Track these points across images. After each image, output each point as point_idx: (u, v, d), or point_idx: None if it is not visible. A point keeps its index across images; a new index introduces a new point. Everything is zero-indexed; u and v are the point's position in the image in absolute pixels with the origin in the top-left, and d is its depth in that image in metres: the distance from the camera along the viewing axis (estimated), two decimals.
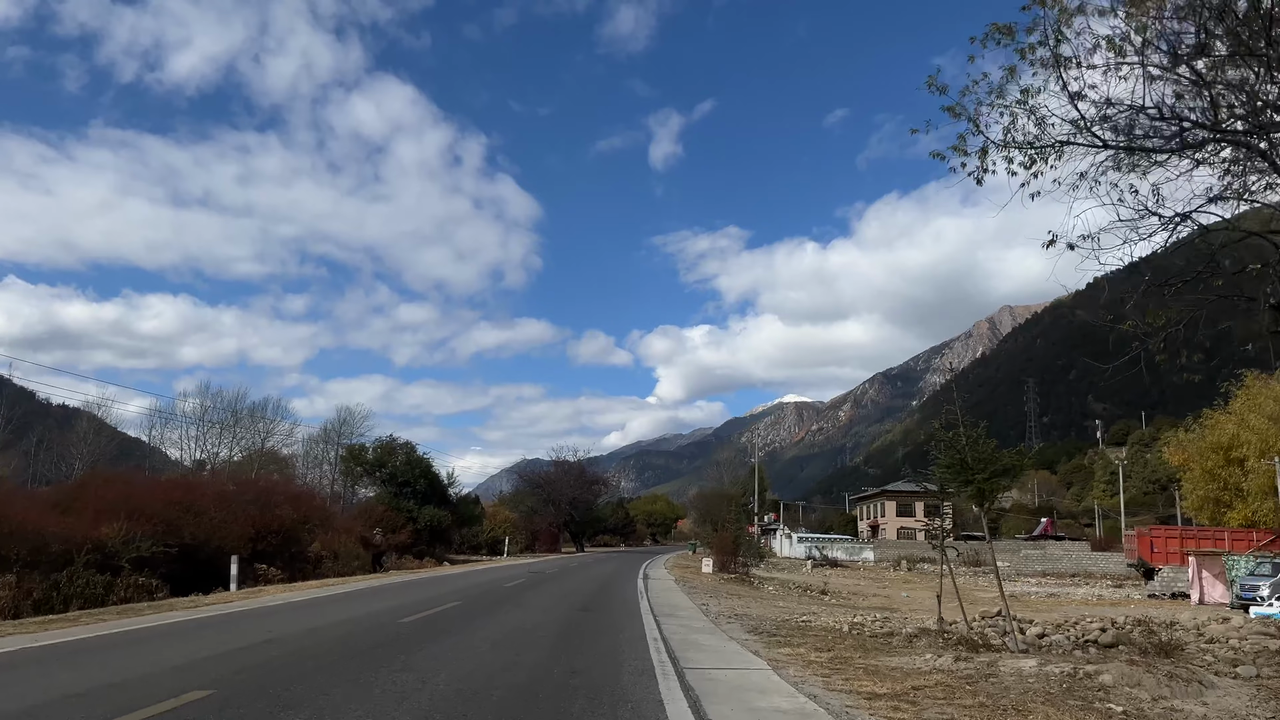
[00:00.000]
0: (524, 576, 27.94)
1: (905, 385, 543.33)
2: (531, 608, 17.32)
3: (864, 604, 33.64)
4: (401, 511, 51.39)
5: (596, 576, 32.10)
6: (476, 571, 35.43)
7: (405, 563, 47.93)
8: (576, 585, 25.36)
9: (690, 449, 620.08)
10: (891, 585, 50.29)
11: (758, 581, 41.27)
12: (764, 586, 38.78)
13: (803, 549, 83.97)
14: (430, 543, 53.20)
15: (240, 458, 78.77)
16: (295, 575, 34.00)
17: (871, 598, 39.24)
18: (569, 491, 76.38)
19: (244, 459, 78.55)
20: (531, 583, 25.02)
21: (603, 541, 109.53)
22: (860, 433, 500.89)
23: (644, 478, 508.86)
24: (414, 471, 52.74)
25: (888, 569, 69.97)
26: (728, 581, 37.62)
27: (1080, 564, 67.10)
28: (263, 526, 32.88)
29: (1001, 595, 15.07)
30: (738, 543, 44.96)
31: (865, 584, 49.86)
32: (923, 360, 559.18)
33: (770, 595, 31.63)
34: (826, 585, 40.57)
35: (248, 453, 74.28)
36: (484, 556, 61.75)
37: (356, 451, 53.63)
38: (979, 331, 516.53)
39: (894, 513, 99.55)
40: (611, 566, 43.85)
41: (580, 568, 40.46)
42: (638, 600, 19.82)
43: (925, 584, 55.14)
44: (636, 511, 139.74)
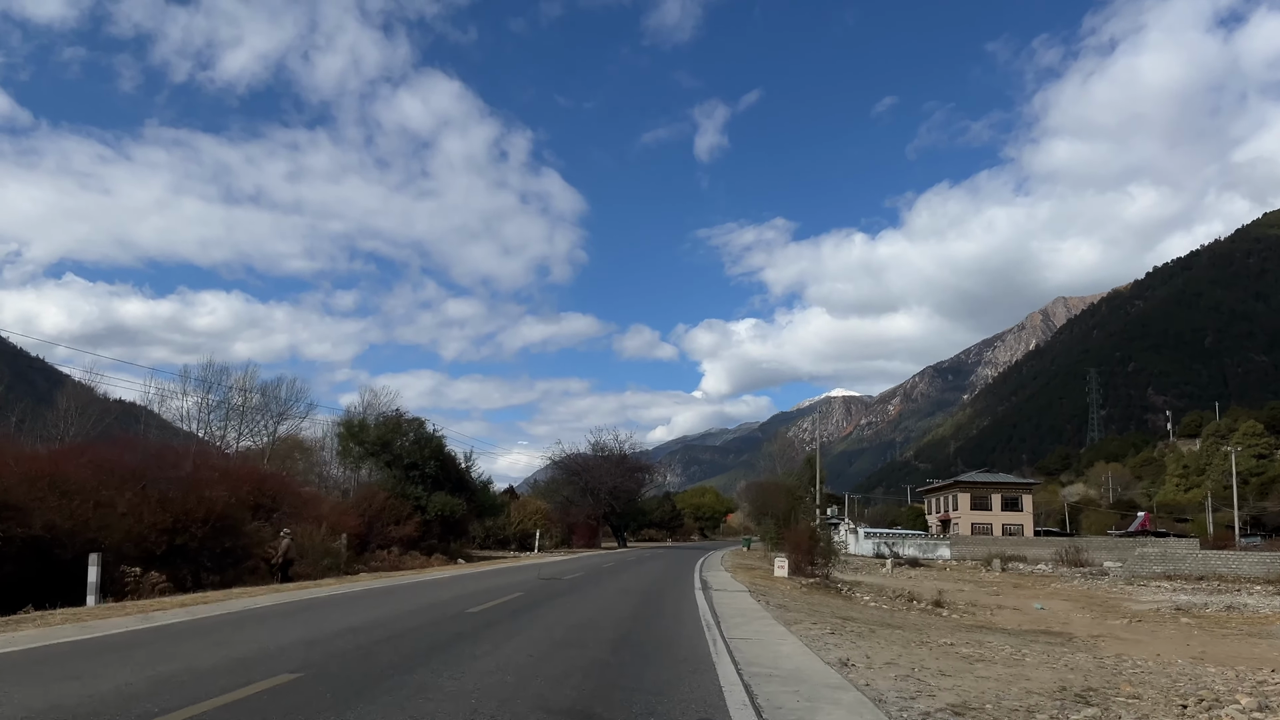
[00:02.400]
0: (520, 590, 18.42)
1: (956, 379, 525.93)
2: (451, 694, 7.39)
3: (1009, 623, 23.79)
4: (408, 499, 42.44)
5: (635, 585, 22.43)
6: (474, 576, 26.02)
7: (408, 560, 38.95)
8: (599, 608, 15.65)
9: (736, 444, 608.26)
10: (1004, 591, 40.02)
11: (845, 589, 31.50)
12: (857, 596, 28.98)
13: (870, 546, 73.83)
14: (443, 536, 44.10)
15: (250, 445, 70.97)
16: (235, 579, 25.10)
17: (1003, 613, 29.19)
18: (609, 480, 66.77)
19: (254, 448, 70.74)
20: (522, 605, 15.38)
21: (647, 536, 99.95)
22: (910, 427, 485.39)
23: (690, 473, 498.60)
24: (423, 452, 43.67)
25: (975, 568, 59.53)
26: (811, 590, 27.93)
27: (1209, 565, 55.99)
28: (183, 514, 23.97)
29: None
30: (814, 540, 35.40)
31: (969, 589, 39.67)
32: (974, 353, 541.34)
33: (885, 614, 21.88)
34: (938, 595, 30.60)
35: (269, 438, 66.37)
36: (511, 552, 52.63)
37: (354, 429, 44.65)
38: (1032, 324, 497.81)
39: (968, 505, 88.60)
40: (657, 568, 34.22)
41: (615, 570, 30.71)
42: (708, 647, 10.26)
43: (1037, 588, 44.77)
44: (683, 505, 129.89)
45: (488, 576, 25.40)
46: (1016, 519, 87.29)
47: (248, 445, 69.82)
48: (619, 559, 44.21)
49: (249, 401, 66.79)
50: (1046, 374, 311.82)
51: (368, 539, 39.51)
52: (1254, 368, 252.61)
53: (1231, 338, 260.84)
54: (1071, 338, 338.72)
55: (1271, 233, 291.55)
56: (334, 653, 8.76)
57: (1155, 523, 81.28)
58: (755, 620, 13.94)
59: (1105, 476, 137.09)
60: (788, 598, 21.72)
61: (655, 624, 12.56)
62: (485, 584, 21.10)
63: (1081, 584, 46.84)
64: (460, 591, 18.23)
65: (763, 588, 24.49)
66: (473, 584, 21.22)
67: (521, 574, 26.33)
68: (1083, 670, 11.15)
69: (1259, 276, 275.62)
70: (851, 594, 29.66)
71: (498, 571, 29.10)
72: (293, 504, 33.56)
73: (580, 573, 27.58)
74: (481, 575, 26.33)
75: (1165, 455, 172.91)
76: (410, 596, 16.91)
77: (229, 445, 67.89)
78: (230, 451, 71.94)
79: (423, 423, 45.00)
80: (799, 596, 23.26)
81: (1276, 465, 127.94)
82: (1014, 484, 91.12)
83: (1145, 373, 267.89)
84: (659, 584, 23.08)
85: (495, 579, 23.72)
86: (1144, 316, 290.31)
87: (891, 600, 29.23)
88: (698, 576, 27.47)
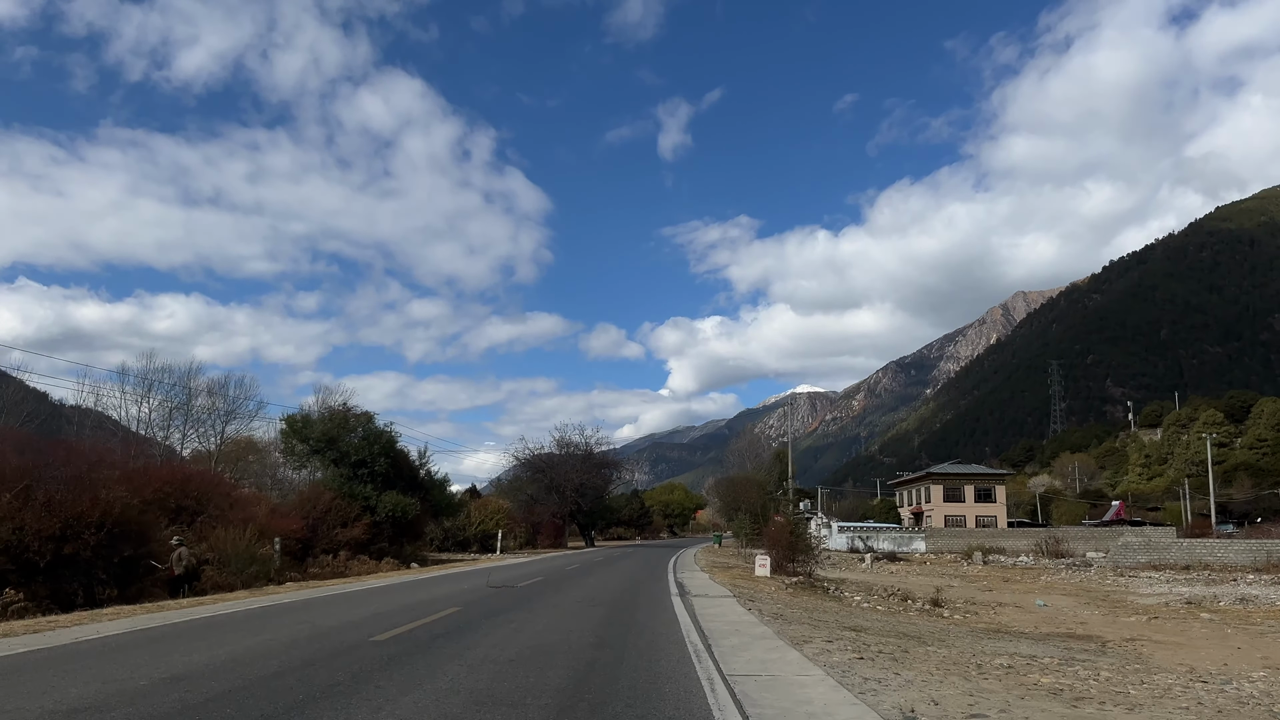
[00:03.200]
0: (458, 603, 14.75)
1: (919, 373, 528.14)
2: None
3: (1020, 624, 20.81)
4: (356, 499, 38.81)
5: (601, 593, 19.02)
6: (415, 584, 22.46)
7: (354, 566, 35.34)
8: (552, 629, 12.21)
9: (703, 441, 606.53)
10: (995, 586, 37.21)
11: (833, 588, 28.42)
12: (847, 596, 25.91)
13: (844, 540, 71.11)
14: (395, 538, 40.49)
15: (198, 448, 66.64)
16: (140, 594, 21.39)
17: (1005, 611, 26.24)
18: (575, 477, 63.07)
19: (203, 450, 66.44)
20: (453, 626, 11.89)
21: (616, 534, 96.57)
22: (874, 421, 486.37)
23: (658, 470, 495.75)
24: (372, 449, 39.96)
25: (954, 561, 56.93)
26: (798, 591, 24.80)
27: (1194, 554, 53.80)
28: (74, 518, 20.22)
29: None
30: (795, 536, 32.34)
31: (958, 584, 36.83)
32: (936, 348, 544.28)
33: (891, 619, 18.76)
34: (935, 594, 27.60)
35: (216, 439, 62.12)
36: (471, 555, 49.06)
37: (298, 425, 40.78)
38: (992, 318, 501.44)
39: (941, 498, 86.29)
40: (627, 569, 30.89)
41: (579, 573, 27.26)
42: (704, 694, 6.96)
43: (1027, 581, 42.03)
44: (652, 502, 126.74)
45: (430, 584, 21.91)
46: (990, 510, 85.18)
47: (195, 447, 65.60)
48: (585, 559, 40.85)
49: (194, 400, 62.61)
50: (1008, 367, 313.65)
51: (312, 543, 35.89)
52: (1208, 359, 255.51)
53: (1186, 330, 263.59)
54: (1031, 331, 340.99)
55: (1224, 226, 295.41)
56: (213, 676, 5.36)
57: (1129, 512, 79.46)
58: (755, 641, 10.65)
59: (1072, 467, 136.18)
60: (779, 603, 18.55)
61: (627, 655, 9.20)
62: (422, 595, 17.63)
63: (1070, 576, 44.29)
64: (383, 606, 14.76)
65: (747, 590, 21.32)
66: (407, 595, 17.74)
67: (471, 580, 22.86)
68: (1215, 705, 8.04)
69: (1212, 269, 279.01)
70: (841, 594, 26.60)
71: (446, 578, 25.59)
72: (221, 506, 29.85)
73: (538, 577, 24.14)
74: (424, 583, 22.83)
75: (1127, 445, 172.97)
76: (315, 615, 13.41)
77: (176, 447, 63.72)
78: (186, 454, 67.71)
79: (372, 417, 41.31)
80: (790, 600, 20.09)
81: (1236, 454, 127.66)
82: (987, 475, 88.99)
83: (1103, 365, 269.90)
84: (629, 590, 19.74)
85: (437, 588, 20.24)
86: (1101, 310, 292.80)
87: (885, 600, 26.19)
88: (672, 578, 24.22)
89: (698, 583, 22.61)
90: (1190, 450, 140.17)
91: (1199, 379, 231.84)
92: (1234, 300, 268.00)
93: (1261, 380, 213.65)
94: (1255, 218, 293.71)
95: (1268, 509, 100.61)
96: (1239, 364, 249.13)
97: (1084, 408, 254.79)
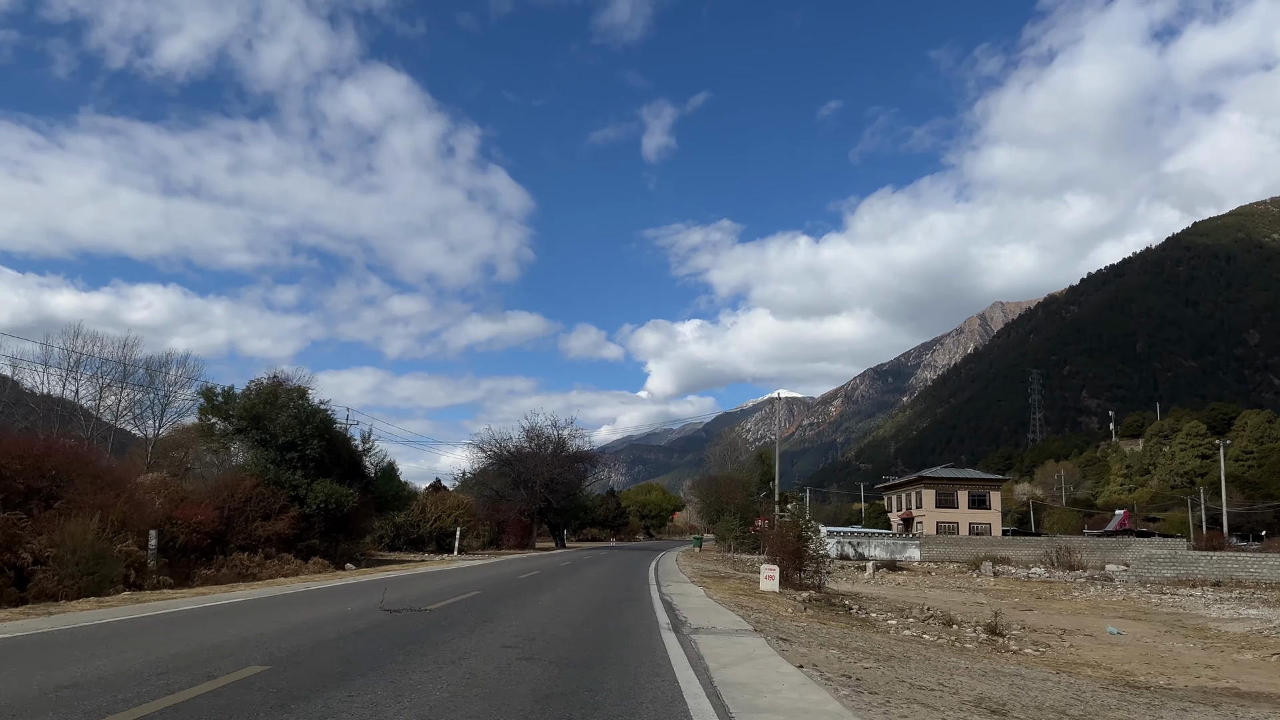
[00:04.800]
0: (285, 653, 8.76)
1: (896, 381, 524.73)
2: None
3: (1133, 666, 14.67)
4: (283, 487, 32.25)
5: (553, 625, 12.19)
6: (280, 603, 15.66)
7: (270, 567, 28.78)
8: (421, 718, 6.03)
9: (681, 443, 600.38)
10: (1031, 604, 31.13)
11: (854, 607, 22.25)
12: (880, 620, 19.73)
13: (834, 546, 64.92)
14: (328, 534, 33.88)
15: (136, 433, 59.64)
16: None
17: (1080, 641, 20.15)
18: (545, 471, 56.45)
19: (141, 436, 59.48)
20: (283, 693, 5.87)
21: (589, 535, 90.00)
22: (851, 428, 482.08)
23: (634, 472, 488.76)
24: (304, 429, 33.28)
25: (959, 571, 50.98)
26: (820, 613, 18.59)
27: (1224, 569, 48.21)
28: None
29: None
30: (803, 542, 26.27)
31: (986, 601, 30.75)
32: (914, 356, 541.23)
33: (953, 655, 12.54)
34: (994, 619, 21.37)
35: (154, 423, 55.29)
36: (423, 555, 42.57)
37: (215, 398, 34.05)
38: (970, 327, 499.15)
39: (932, 503, 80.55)
40: (597, 580, 24.39)
41: (531, 587, 20.32)
42: None
43: (1060, 597, 35.89)
44: (629, 502, 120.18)
45: (314, 601, 15.42)
46: (984, 517, 79.53)
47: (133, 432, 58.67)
48: (549, 565, 34.45)
49: (126, 378, 55.63)
50: (985, 377, 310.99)
51: (226, 538, 29.33)
52: (1183, 372, 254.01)
53: (1162, 343, 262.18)
54: (1009, 342, 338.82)
55: (1201, 241, 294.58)
56: None
57: (1134, 522, 74.05)
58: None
59: (1057, 475, 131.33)
60: (815, 637, 12.37)
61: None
62: (266, 624, 11.20)
63: (1105, 593, 38.39)
64: (159, 651, 8.33)
65: (759, 612, 15.16)
66: (245, 623, 11.31)
67: (371, 596, 16.33)
68: None
69: (1188, 284, 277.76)
70: (868, 616, 20.50)
71: (352, 589, 19.12)
72: (85, 489, 23.16)
73: (471, 592, 17.54)
74: (311, 598, 16.33)
75: (1108, 455, 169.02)
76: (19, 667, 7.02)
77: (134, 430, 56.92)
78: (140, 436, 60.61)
79: (305, 392, 34.63)
80: (825, 633, 13.85)
81: (1216, 467, 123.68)
82: (982, 480, 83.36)
83: (1079, 376, 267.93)
84: (596, 617, 13.33)
85: (308, 608, 13.74)
86: (1078, 321, 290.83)
87: (925, 625, 20.07)
88: (657, 594, 17.89)
89: (693, 603, 16.30)
90: (1175, 461, 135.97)
91: (1174, 392, 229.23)
92: (1209, 315, 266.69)
93: (1235, 394, 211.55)
94: (1232, 234, 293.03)
95: (1260, 521, 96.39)
96: (1213, 378, 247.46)
97: (1059, 418, 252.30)
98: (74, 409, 52.61)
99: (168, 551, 24.58)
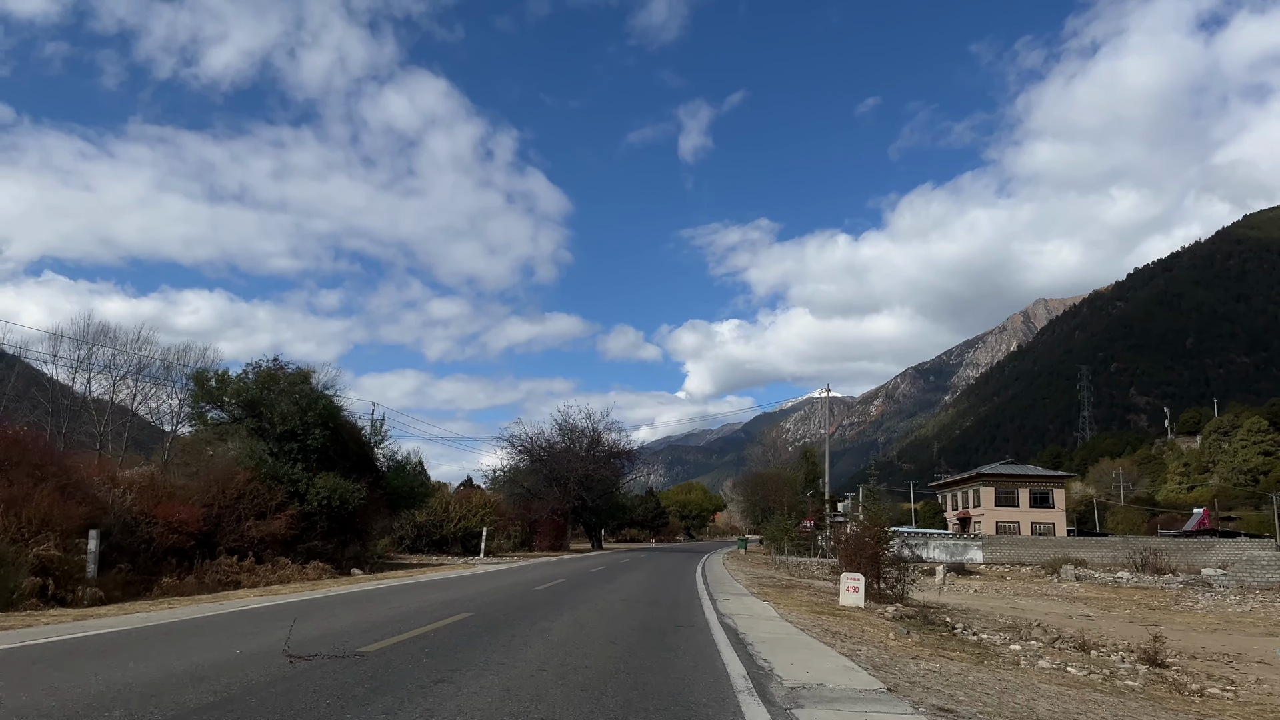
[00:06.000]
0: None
1: (938, 379, 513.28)
2: None
3: None
4: (281, 482, 28.27)
5: (543, 682, 7.98)
6: (187, 629, 11.45)
7: (261, 573, 24.73)
8: None
9: (719, 444, 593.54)
10: (1152, 618, 26.03)
11: (960, 627, 17.47)
12: (996, 645, 15.03)
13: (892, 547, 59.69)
14: (332, 535, 29.76)
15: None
16: None
17: (1254, 671, 15.35)
18: (579, 468, 52.17)
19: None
20: None
21: (629, 536, 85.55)
22: (892, 427, 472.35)
23: (673, 473, 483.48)
24: (305, 417, 29.25)
25: (1034, 576, 45.65)
26: (928, 641, 13.96)
27: None
28: None
29: None
30: (882, 545, 21.70)
31: (1095, 614, 25.73)
32: (955, 354, 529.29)
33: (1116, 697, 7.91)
34: (1153, 648, 16.44)
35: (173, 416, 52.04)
36: (448, 558, 38.42)
37: (206, 383, 30.14)
38: (1012, 325, 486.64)
39: (992, 501, 74.81)
40: (633, 591, 19.85)
41: (546, 606, 14.71)
42: None
43: (1170, 606, 30.75)
44: (668, 502, 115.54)
45: (214, 633, 11.12)
46: (1047, 516, 73.64)
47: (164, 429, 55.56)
48: (578, 570, 30.01)
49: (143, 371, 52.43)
50: (1029, 375, 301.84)
51: (214, 539, 25.39)
52: (1236, 368, 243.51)
53: (1213, 339, 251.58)
54: (1053, 339, 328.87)
55: (1252, 234, 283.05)
56: None
57: (1214, 521, 67.71)
58: None
59: (1115, 473, 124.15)
60: (958, 683, 7.81)
61: None
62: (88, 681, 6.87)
63: (1216, 601, 32.95)
64: None
65: (857, 642, 10.64)
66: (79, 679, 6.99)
67: (371, 611, 11.92)
68: None
69: (1240, 278, 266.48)
70: (979, 638, 15.83)
71: (313, 606, 14.83)
72: (25, 481, 19.22)
73: (463, 613, 12.95)
74: (225, 625, 12.03)
75: (1164, 453, 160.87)
76: None
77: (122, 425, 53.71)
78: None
79: (307, 376, 30.67)
80: (958, 670, 9.22)
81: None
82: (1044, 476, 77.45)
83: (1127, 373, 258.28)
84: (632, 671, 8.58)
85: (188, 650, 9.42)
86: (1125, 317, 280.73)
87: (1048, 647, 15.32)
88: (714, 617, 13.35)
89: (766, 629, 11.80)
90: (1238, 458, 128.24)
91: (1227, 388, 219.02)
92: (1262, 309, 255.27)
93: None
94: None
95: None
96: (1266, 374, 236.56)
97: (1107, 416, 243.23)
98: (84, 403, 49.20)
99: (136, 556, 20.69)
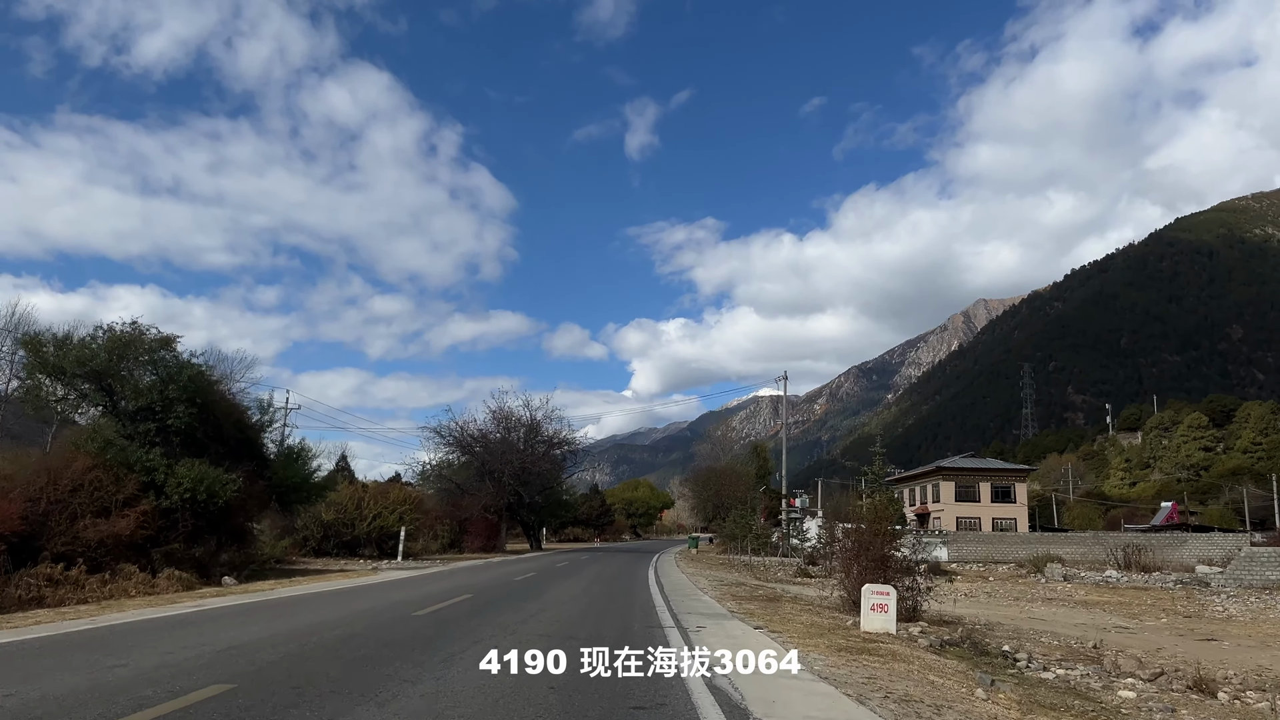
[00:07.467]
0: None
1: (881, 378, 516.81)
2: None
3: None
4: (133, 470, 22.24)
5: None
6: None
7: (93, 587, 18.84)
8: None
9: (665, 443, 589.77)
10: (1211, 629, 21.55)
11: (1013, 650, 12.41)
12: (1066, 679, 10.12)
13: None
14: (199, 536, 23.67)
15: None
16: None
17: None
18: (515, 459, 46.48)
19: None
20: None
21: (572, 535, 79.86)
22: (836, 425, 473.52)
23: (619, 472, 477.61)
24: (165, 392, 23.17)
25: (1016, 575, 41.50)
26: (1019, 695, 9.01)
27: None
28: None
29: None
30: (891, 542, 16.69)
31: (1131, 625, 21.15)
32: (898, 353, 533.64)
33: None
34: (1200, 670, 11.58)
35: None
36: (350, 566, 32.50)
37: (43, 349, 23.84)
38: (954, 325, 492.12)
39: (952, 496, 71.00)
40: (566, 606, 14.35)
41: (418, 642, 9.35)
42: None
43: (1177, 607, 26.55)
44: (614, 500, 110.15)
45: None
46: (1009, 512, 70.03)
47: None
48: (500, 579, 24.44)
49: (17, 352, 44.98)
50: (970, 374, 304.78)
51: (38, 543, 19.46)
52: (1168, 367, 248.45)
53: (1146, 338, 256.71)
54: (993, 338, 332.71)
55: (1183, 237, 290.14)
56: None
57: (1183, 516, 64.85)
58: None
59: (1065, 469, 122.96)
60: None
61: None
62: None
63: (1236, 604, 28.79)
64: None
65: (936, 709, 5.60)
66: None
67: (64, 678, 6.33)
68: None
69: (1171, 279, 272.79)
70: (1046, 673, 10.96)
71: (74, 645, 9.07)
72: None
73: (217, 685, 7.32)
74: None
75: (1106, 449, 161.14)
76: None
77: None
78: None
79: (170, 342, 24.54)
80: None
81: (1230, 458, 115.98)
82: (1006, 470, 73.96)
83: (1065, 371, 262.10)
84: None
85: None
86: (1063, 317, 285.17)
87: (1149, 684, 10.47)
88: (695, 670, 8.02)
89: (796, 702, 6.40)
90: (1180, 454, 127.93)
91: (1160, 386, 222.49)
92: (1192, 310, 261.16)
93: (1220, 388, 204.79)
94: (1214, 230, 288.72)
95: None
96: (1197, 372, 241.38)
97: (1045, 414, 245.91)
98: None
99: None
